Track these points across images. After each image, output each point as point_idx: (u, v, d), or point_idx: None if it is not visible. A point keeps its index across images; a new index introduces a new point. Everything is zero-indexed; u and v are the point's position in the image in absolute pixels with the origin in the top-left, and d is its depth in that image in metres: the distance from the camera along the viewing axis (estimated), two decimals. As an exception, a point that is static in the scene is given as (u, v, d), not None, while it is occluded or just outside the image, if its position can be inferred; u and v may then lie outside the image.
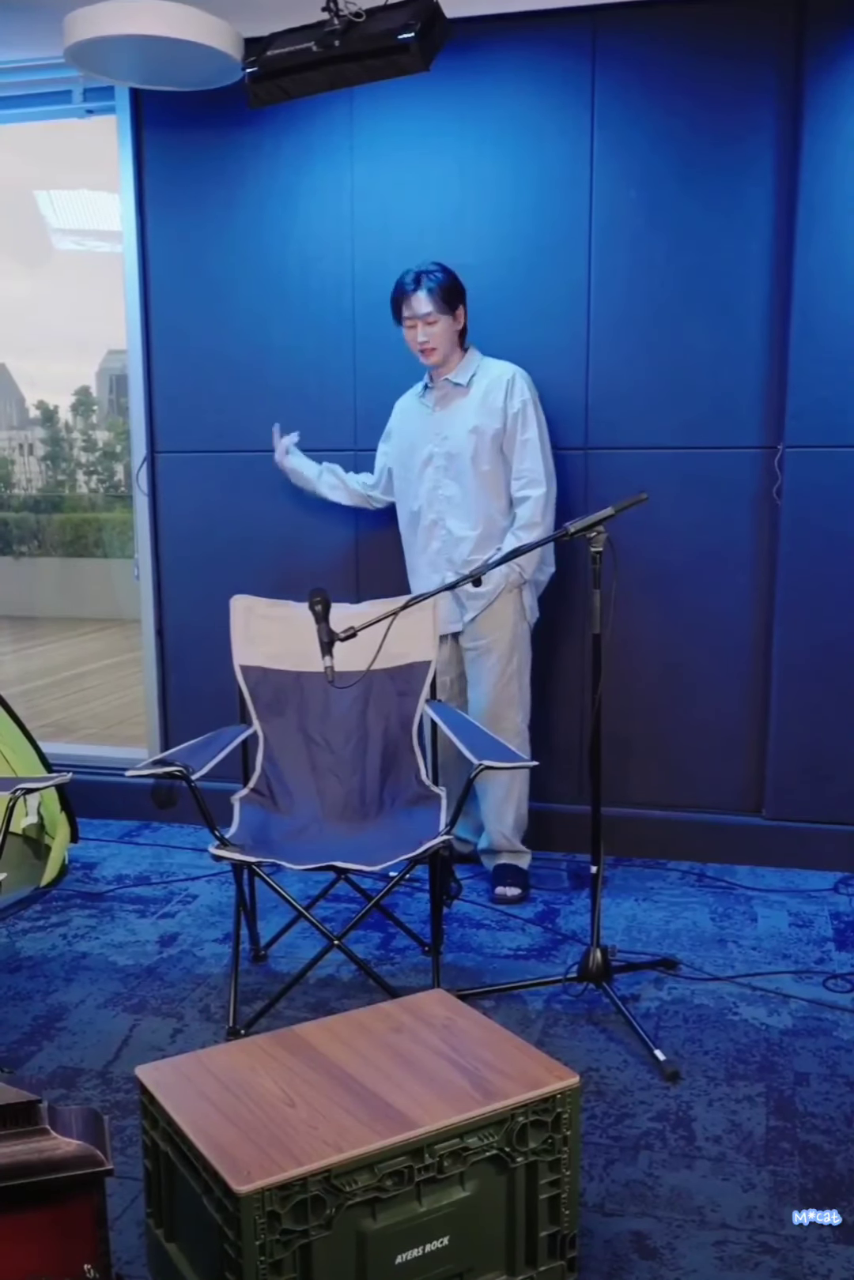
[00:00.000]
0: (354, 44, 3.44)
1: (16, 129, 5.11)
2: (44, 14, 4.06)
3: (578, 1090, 2.13)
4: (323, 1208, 1.90)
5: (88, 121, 4.86)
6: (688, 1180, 2.52)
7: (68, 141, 5.27)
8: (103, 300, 5.57)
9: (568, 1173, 2.14)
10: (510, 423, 3.98)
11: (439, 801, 3.48)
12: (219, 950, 3.74)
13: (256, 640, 3.72)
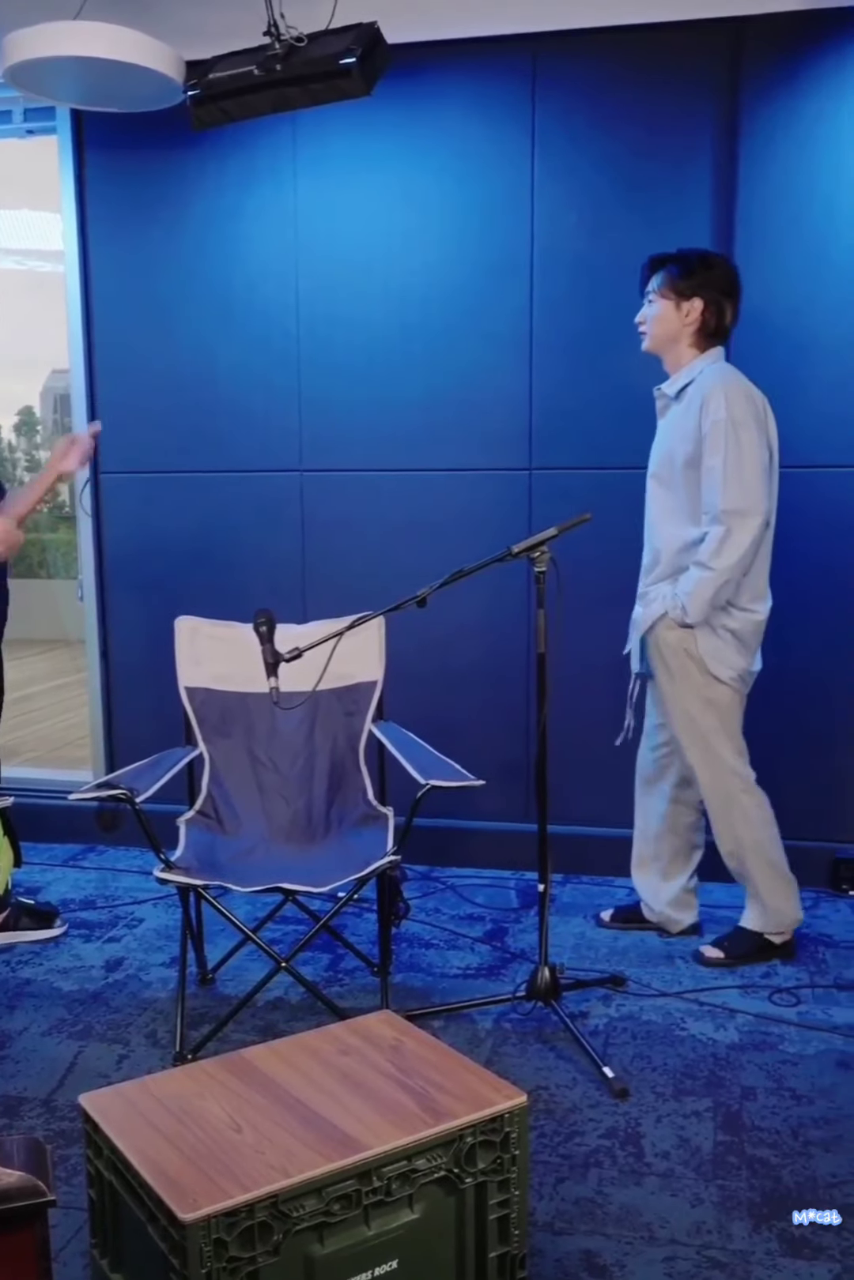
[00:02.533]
0: (296, 68, 3.46)
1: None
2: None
3: (526, 1109, 2.13)
4: (270, 1234, 1.89)
5: (29, 141, 4.83)
6: (637, 1197, 2.53)
7: (8, 161, 5.24)
8: (46, 320, 5.54)
9: (517, 1192, 2.13)
10: (701, 446, 3.50)
11: (386, 821, 3.48)
12: (166, 974, 3.70)
13: (202, 661, 3.71)
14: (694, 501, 3.54)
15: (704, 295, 3.56)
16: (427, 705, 4.32)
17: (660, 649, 3.62)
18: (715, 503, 3.44)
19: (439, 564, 3.41)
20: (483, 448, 4.44)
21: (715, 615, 3.53)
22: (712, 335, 3.62)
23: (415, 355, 4.44)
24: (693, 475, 3.52)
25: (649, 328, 3.66)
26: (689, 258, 3.59)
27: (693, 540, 3.54)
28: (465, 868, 4.60)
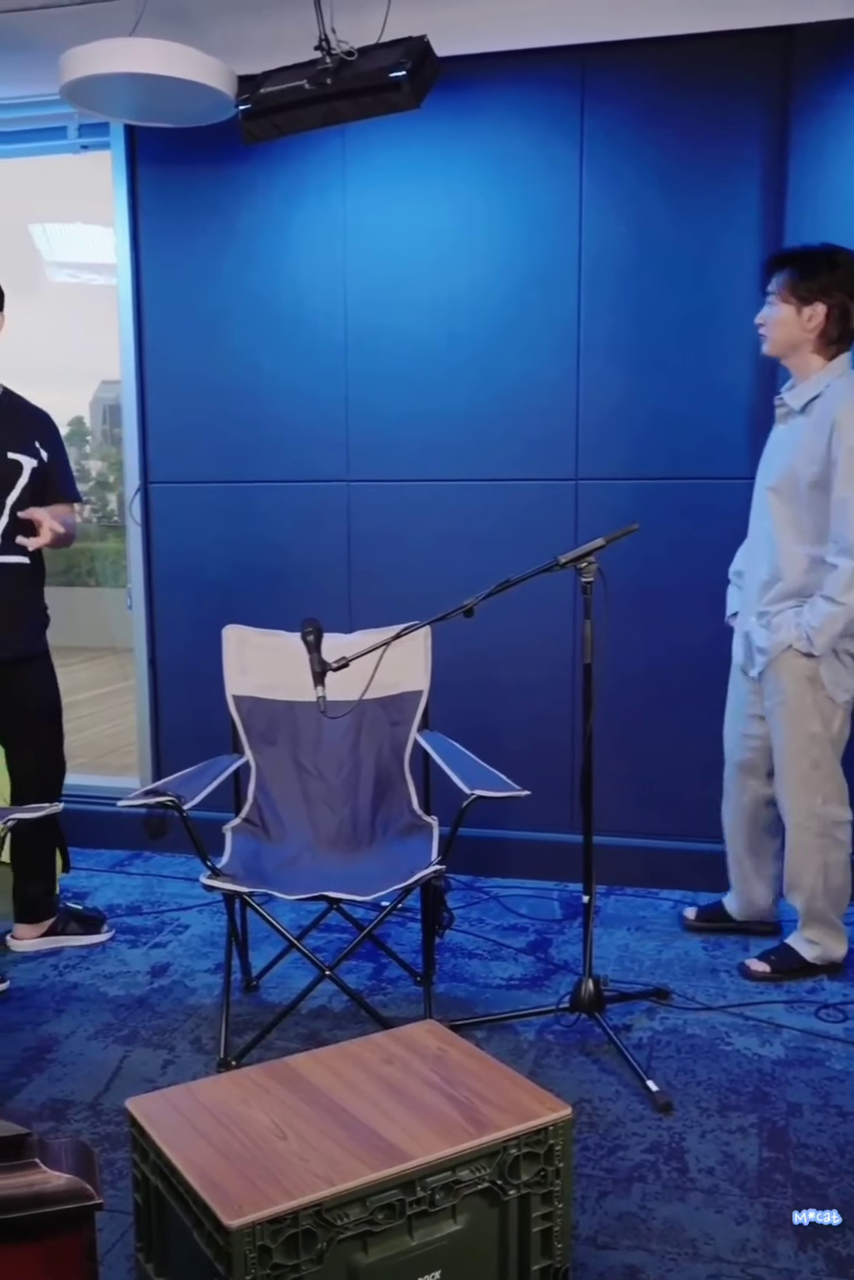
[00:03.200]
0: (346, 82, 3.48)
1: (12, 164, 5.15)
2: (40, 52, 4.11)
3: (570, 1122, 2.13)
4: (314, 1242, 1.89)
5: (83, 156, 4.89)
6: (681, 1213, 2.52)
7: (63, 176, 5.31)
8: (96, 331, 5.60)
9: (560, 1205, 2.13)
10: (830, 471, 3.38)
11: (431, 831, 3.48)
12: (210, 981, 3.72)
13: (249, 670, 3.73)
14: (821, 522, 3.44)
15: (827, 300, 3.44)
16: (470, 715, 4.33)
17: (782, 675, 3.57)
18: (847, 536, 3.35)
19: (484, 574, 3.41)
20: (529, 458, 4.44)
21: (840, 641, 3.48)
22: (836, 341, 3.48)
23: (462, 365, 4.45)
24: (820, 497, 3.42)
25: (769, 331, 3.56)
26: (812, 258, 3.47)
27: (819, 559, 3.46)
28: (508, 878, 4.60)
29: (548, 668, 4.49)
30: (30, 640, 3.83)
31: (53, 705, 3.94)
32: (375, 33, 3.57)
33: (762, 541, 3.66)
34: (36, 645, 3.86)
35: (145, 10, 3.88)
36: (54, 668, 3.96)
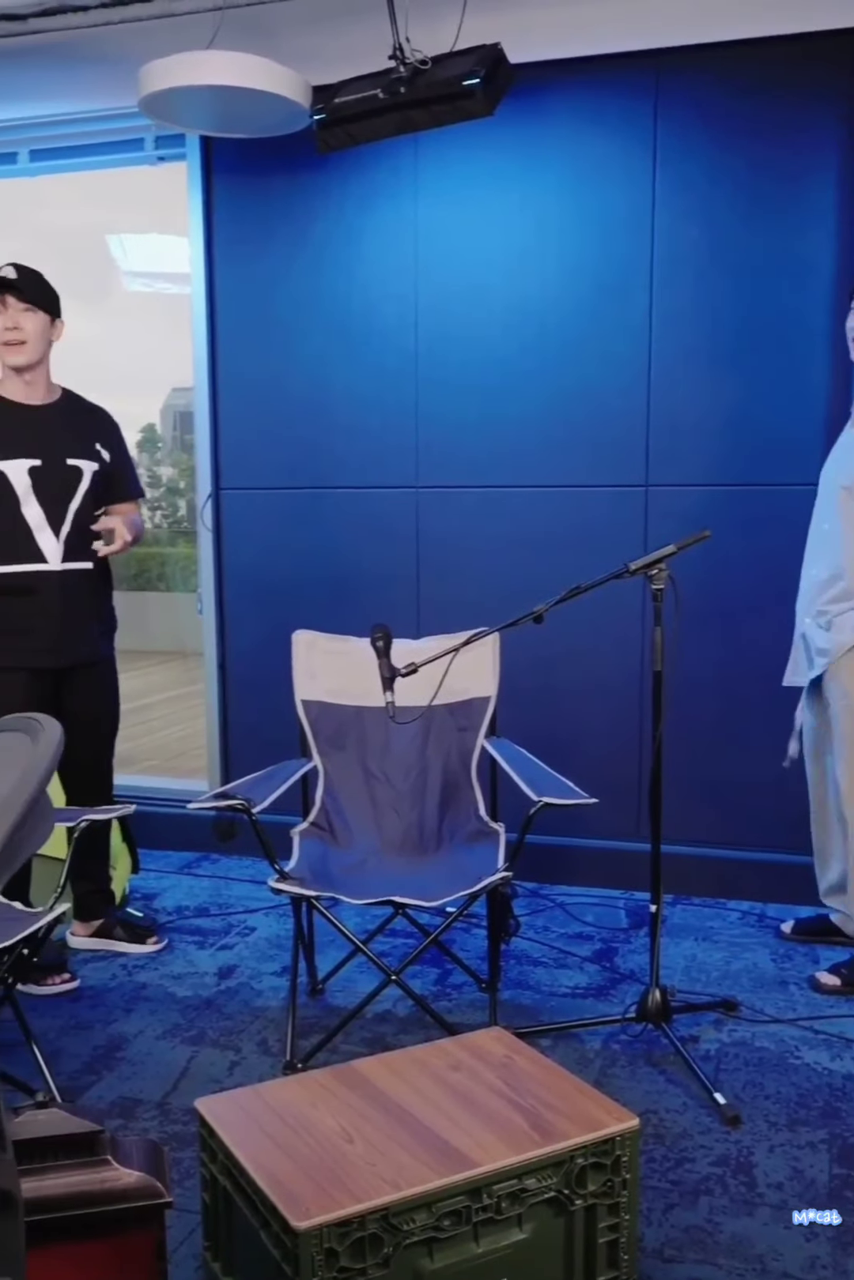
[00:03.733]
0: (420, 91, 3.50)
1: (90, 176, 5.24)
2: (119, 66, 4.19)
3: (638, 1133, 2.12)
4: (380, 1246, 1.90)
5: (159, 168, 4.96)
6: (749, 1228, 2.49)
7: (139, 187, 5.38)
8: (168, 339, 5.67)
9: (627, 1217, 2.12)
10: None
11: (498, 837, 3.48)
12: (277, 983, 3.75)
13: (318, 675, 3.75)
14: None
15: None
16: (537, 721, 4.32)
17: (844, 678, 3.54)
18: None
19: (552, 580, 3.40)
20: (599, 464, 4.43)
21: None
22: None
23: (532, 372, 4.44)
24: None
25: None
26: None
27: None
28: (574, 885, 4.58)
29: (616, 674, 4.47)
30: (94, 646, 3.83)
31: (112, 712, 3.95)
32: (449, 41, 3.59)
33: (820, 542, 3.63)
34: (100, 651, 3.87)
35: (222, 23, 3.93)
36: (117, 674, 3.98)
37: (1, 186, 5.34)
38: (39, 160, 5.08)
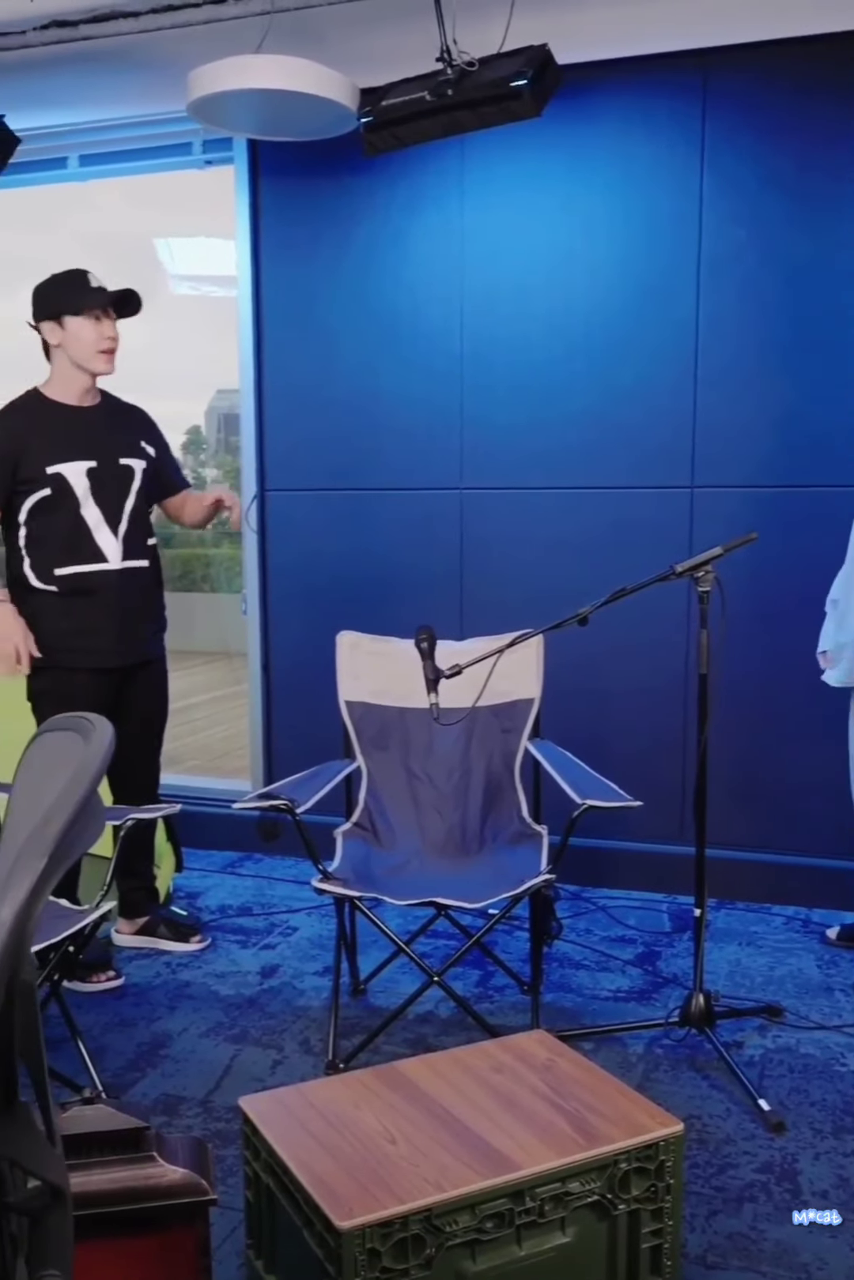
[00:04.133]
0: (467, 92, 3.49)
1: (138, 180, 5.29)
2: (168, 71, 4.22)
3: (682, 1138, 2.11)
4: (423, 1247, 1.90)
5: (206, 172, 5.00)
6: (794, 1236, 2.47)
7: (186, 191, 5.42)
8: (213, 341, 5.70)
9: (670, 1222, 2.11)
10: None
11: (541, 840, 3.47)
12: (319, 983, 3.76)
13: (362, 676, 3.76)
14: None
15: None
16: (580, 723, 4.30)
17: None
18: None
19: (597, 582, 3.39)
20: (644, 466, 4.41)
21: None
22: None
23: (577, 373, 4.43)
24: None
25: None
26: None
27: None
28: (616, 889, 4.56)
29: (660, 676, 4.45)
30: (150, 644, 3.89)
31: (163, 710, 3.99)
32: (497, 42, 3.58)
33: None
34: (155, 650, 3.92)
35: (270, 27, 3.95)
36: (168, 674, 4.02)
37: (51, 191, 5.40)
38: (89, 165, 5.14)
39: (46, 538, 3.63)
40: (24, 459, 3.59)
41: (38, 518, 3.62)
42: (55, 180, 5.25)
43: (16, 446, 3.59)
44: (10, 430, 3.62)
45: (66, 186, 5.34)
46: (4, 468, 3.58)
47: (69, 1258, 1.21)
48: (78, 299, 3.59)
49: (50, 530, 3.63)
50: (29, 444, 3.60)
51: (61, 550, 3.64)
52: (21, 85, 4.63)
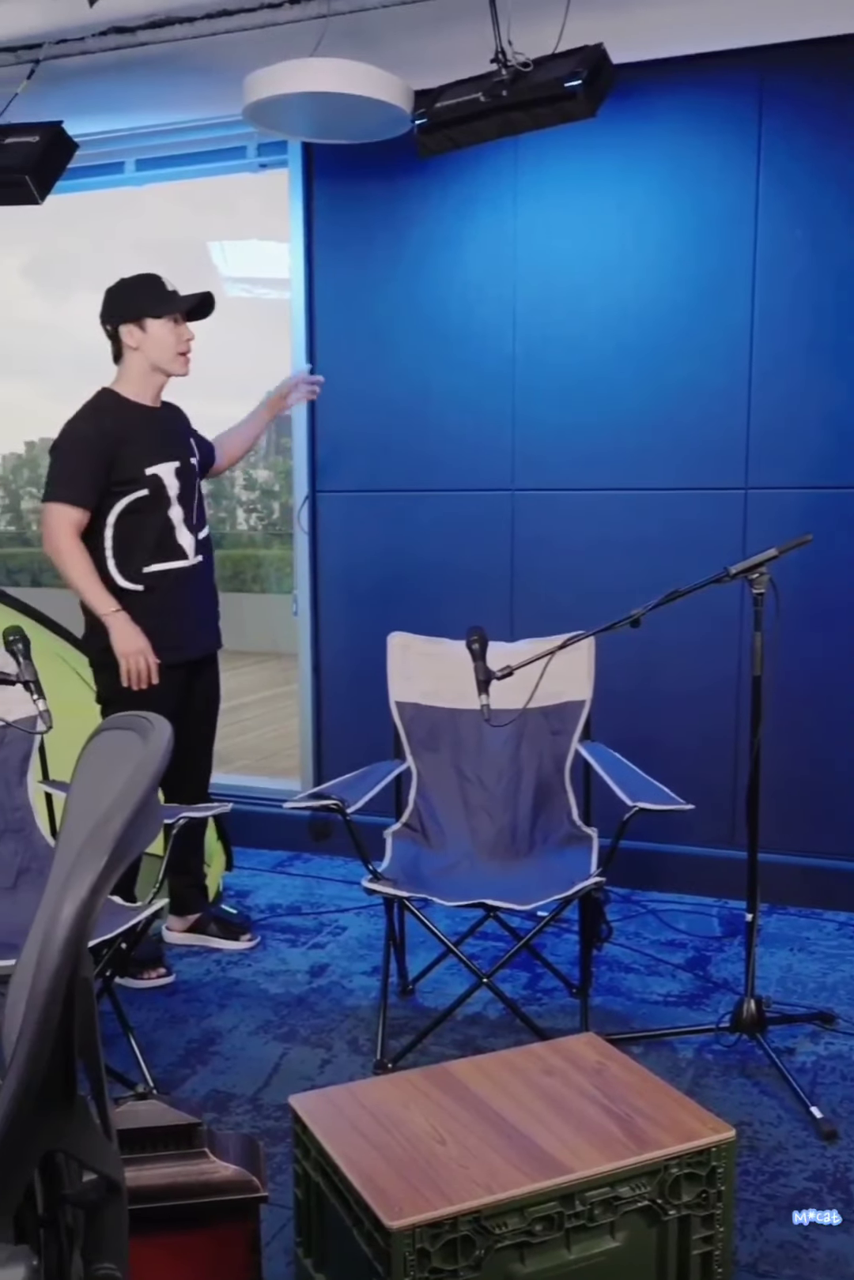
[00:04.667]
0: (522, 93, 3.49)
1: (193, 184, 5.33)
2: (224, 75, 4.25)
3: (734, 1144, 2.09)
4: (472, 1248, 1.90)
5: (260, 175, 5.03)
6: (846, 1245, 2.44)
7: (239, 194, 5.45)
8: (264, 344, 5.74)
9: (722, 1229, 2.09)
10: None
11: (591, 842, 3.46)
12: (367, 983, 3.77)
13: (413, 677, 3.76)
14: None
15: None
16: (631, 724, 4.28)
17: None
18: None
19: (648, 584, 3.38)
20: (697, 467, 4.38)
21: None
22: None
23: (630, 374, 4.41)
24: None
25: None
26: None
27: None
28: (666, 892, 4.53)
29: (712, 679, 4.42)
30: (216, 638, 3.99)
31: (218, 705, 4.05)
32: (551, 42, 3.57)
33: None
34: (218, 643, 4.02)
35: (326, 30, 3.97)
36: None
37: (108, 196, 5.46)
38: (145, 169, 5.19)
39: (137, 538, 3.68)
40: (120, 460, 3.62)
41: (129, 518, 3.65)
42: (112, 185, 5.31)
43: (111, 446, 3.62)
44: (102, 430, 3.64)
45: (118, 191, 5.39)
46: (100, 466, 3.59)
47: (123, 1251, 1.22)
48: (158, 302, 3.66)
49: (141, 530, 3.68)
50: (125, 445, 3.64)
51: (151, 549, 3.69)
52: (80, 92, 4.69)
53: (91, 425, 3.65)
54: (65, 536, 3.57)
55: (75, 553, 3.58)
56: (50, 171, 4.29)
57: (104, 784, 1.15)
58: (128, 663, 3.60)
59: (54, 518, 3.57)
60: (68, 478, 3.59)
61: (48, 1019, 0.97)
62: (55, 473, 3.61)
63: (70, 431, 3.66)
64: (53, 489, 3.59)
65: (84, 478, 3.58)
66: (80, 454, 3.60)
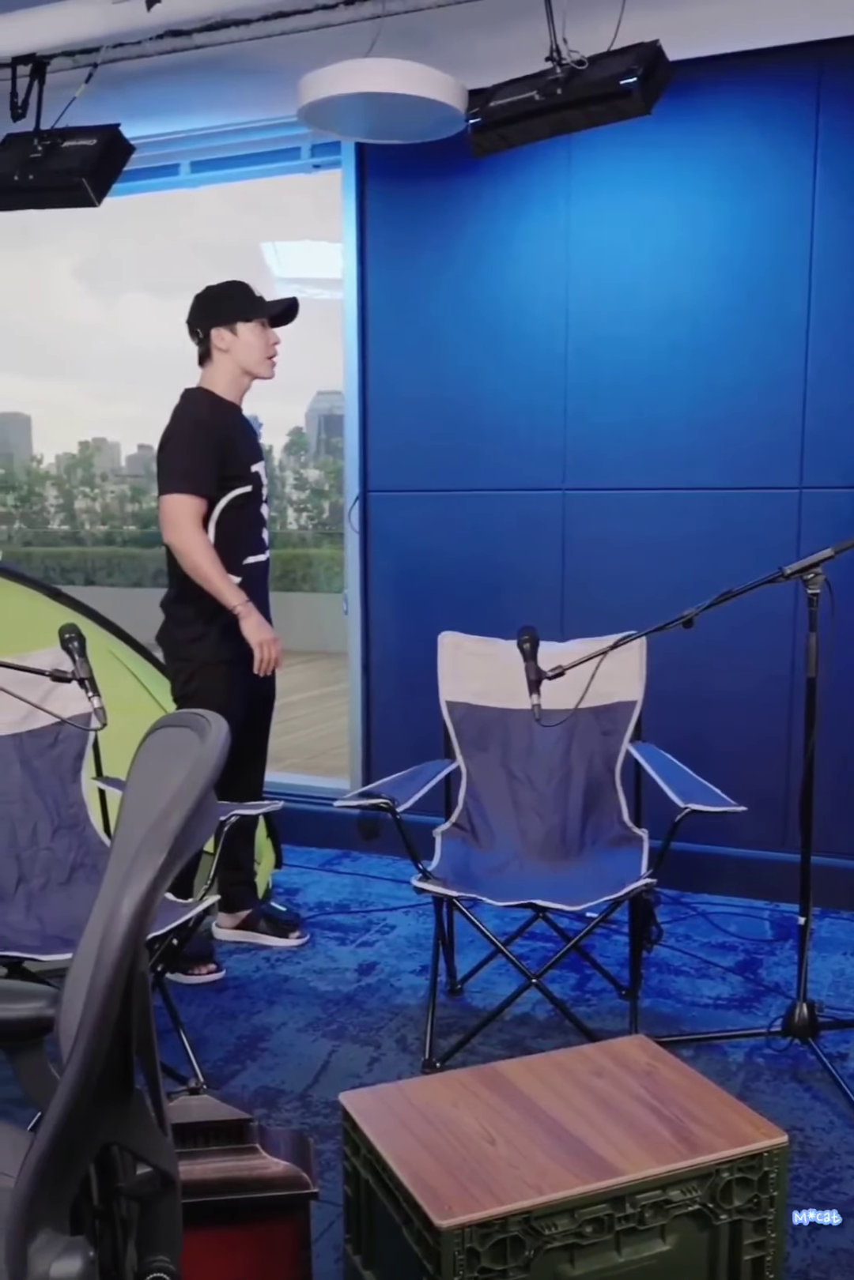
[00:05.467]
0: (576, 91, 3.48)
1: (246, 186, 5.36)
2: (278, 76, 4.27)
3: (786, 1149, 2.08)
4: (521, 1249, 1.90)
5: (313, 176, 5.05)
6: (899, 1254, 2.42)
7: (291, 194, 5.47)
8: (315, 343, 5.76)
9: (773, 1235, 2.08)
10: None
11: (641, 843, 3.45)
12: (416, 982, 3.77)
13: (463, 676, 3.76)
14: None
15: None
16: (681, 725, 4.26)
17: None
18: None
19: (700, 583, 3.36)
20: (750, 466, 4.35)
21: None
22: None
23: (683, 373, 4.39)
24: None
25: None
26: None
27: None
28: (717, 894, 4.50)
29: (764, 680, 4.38)
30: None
31: (273, 705, 4.08)
32: (606, 40, 3.56)
33: None
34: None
35: (380, 31, 3.98)
36: None
37: (156, 197, 5.50)
38: (199, 171, 5.23)
39: (237, 531, 3.76)
40: (229, 455, 3.72)
41: (232, 513, 3.74)
42: (167, 187, 5.36)
43: (221, 441, 3.71)
44: (214, 424, 3.73)
45: (167, 193, 5.44)
46: (217, 458, 3.68)
47: (177, 1244, 1.23)
48: (248, 307, 3.75)
49: (242, 525, 3.77)
50: (233, 441, 3.75)
51: (248, 544, 3.80)
52: (137, 94, 4.74)
53: (201, 420, 3.74)
54: (191, 527, 3.62)
55: (204, 544, 3.64)
56: (107, 174, 4.35)
57: (161, 781, 1.16)
58: (262, 651, 3.68)
59: (177, 509, 3.62)
60: (186, 470, 3.66)
61: (107, 1013, 0.98)
62: (171, 466, 3.68)
63: (180, 427, 3.74)
64: (171, 482, 3.66)
65: (201, 469, 3.66)
66: (195, 447, 3.68)
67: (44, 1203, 1.05)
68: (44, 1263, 1.04)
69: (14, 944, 2.94)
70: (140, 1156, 1.17)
